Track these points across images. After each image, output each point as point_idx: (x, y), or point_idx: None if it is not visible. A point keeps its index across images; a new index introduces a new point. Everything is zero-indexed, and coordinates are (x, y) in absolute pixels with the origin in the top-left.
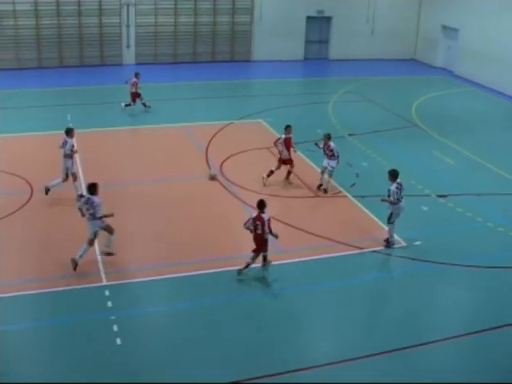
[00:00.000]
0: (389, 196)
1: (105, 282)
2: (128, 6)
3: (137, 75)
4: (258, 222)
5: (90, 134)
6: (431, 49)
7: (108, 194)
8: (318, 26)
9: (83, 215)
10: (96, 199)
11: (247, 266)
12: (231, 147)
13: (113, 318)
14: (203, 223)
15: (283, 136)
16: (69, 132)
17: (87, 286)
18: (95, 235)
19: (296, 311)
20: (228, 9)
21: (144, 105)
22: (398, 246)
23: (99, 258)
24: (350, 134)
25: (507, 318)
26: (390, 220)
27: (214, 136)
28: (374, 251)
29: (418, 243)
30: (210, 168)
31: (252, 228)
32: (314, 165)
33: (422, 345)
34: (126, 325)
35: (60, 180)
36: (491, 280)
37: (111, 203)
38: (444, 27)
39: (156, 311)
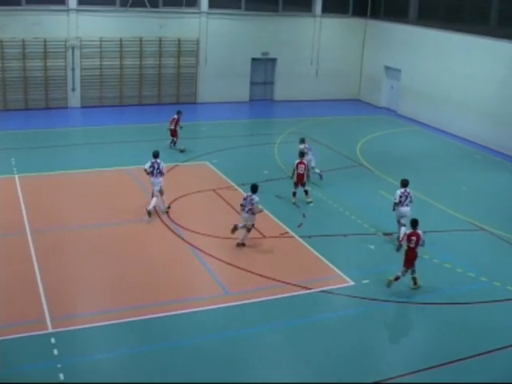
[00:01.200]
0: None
1: (50, 330)
2: (73, 48)
3: (179, 113)
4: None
5: (34, 178)
6: (375, 89)
7: (53, 238)
8: (263, 67)
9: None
10: (256, 197)
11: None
12: (177, 190)
13: (59, 366)
14: (150, 267)
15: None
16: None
17: (32, 334)
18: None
19: (247, 353)
20: (173, 51)
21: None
22: (346, 285)
23: (45, 306)
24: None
25: (458, 354)
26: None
27: None
28: (323, 291)
29: (366, 282)
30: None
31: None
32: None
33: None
34: (72, 373)
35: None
36: (440, 316)
37: (56, 247)
38: (387, 68)
39: (102, 358)
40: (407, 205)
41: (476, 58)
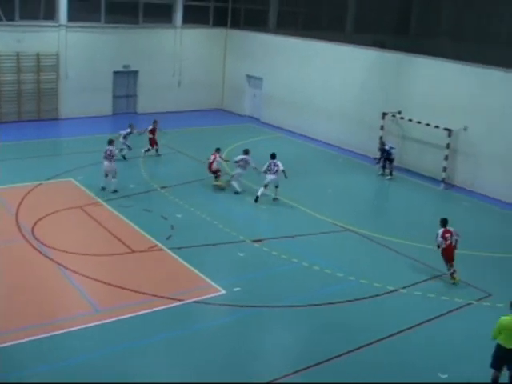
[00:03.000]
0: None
1: None
2: None
3: (155, 122)
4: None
5: None
6: (238, 98)
7: None
8: (125, 80)
9: None
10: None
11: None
12: (42, 208)
13: None
14: (17, 290)
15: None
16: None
17: None
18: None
19: (126, 370)
20: (32, 66)
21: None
22: (218, 293)
23: None
24: (162, 187)
25: (331, 352)
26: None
27: (23, 199)
28: (195, 302)
29: (237, 289)
30: None
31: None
32: (126, 220)
33: None
34: None
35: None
36: (313, 317)
37: None
38: (249, 76)
39: None
40: (274, 173)
41: (335, 65)
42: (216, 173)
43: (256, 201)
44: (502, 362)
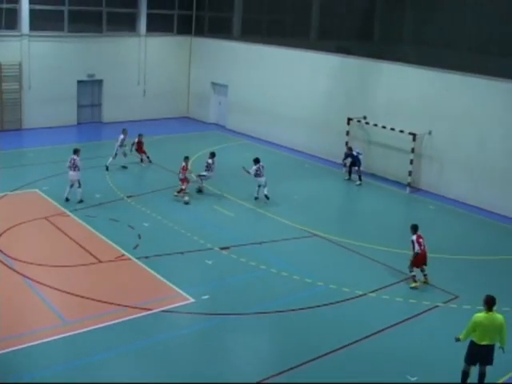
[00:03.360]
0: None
1: None
2: None
3: (140, 136)
4: None
5: None
6: (203, 105)
7: None
8: (90, 89)
9: None
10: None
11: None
12: (7, 220)
13: None
14: None
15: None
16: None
17: None
18: None
19: (95, 382)
20: None
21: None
22: (187, 302)
23: None
24: (128, 196)
25: (303, 356)
26: None
27: None
28: (163, 311)
29: (205, 297)
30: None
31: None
32: (93, 230)
33: None
34: None
35: None
36: (281, 323)
37: None
38: (214, 84)
39: None
40: (262, 175)
41: (299, 71)
42: (183, 182)
43: (267, 198)
44: (475, 358)
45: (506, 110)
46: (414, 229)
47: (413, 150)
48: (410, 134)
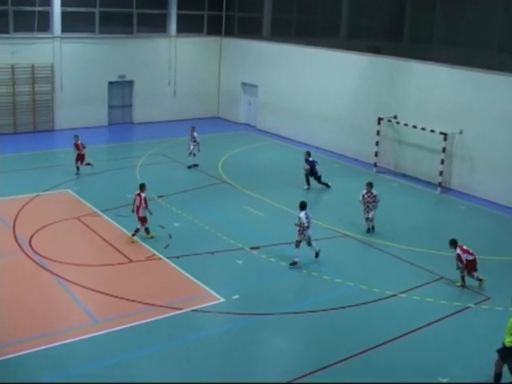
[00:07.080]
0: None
1: None
2: None
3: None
4: None
5: None
6: (233, 106)
7: None
8: (121, 90)
9: None
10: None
11: None
12: (40, 220)
13: None
14: (15, 302)
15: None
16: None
17: None
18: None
19: (126, 380)
20: (27, 78)
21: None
22: (217, 302)
23: None
24: (159, 196)
25: (332, 358)
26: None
27: (20, 210)
28: (194, 310)
29: (236, 297)
30: None
31: None
32: (124, 229)
33: None
34: None
35: None
36: (313, 323)
37: None
38: (244, 84)
39: None
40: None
41: (329, 71)
42: (143, 222)
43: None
44: (506, 356)
45: None
46: (454, 243)
47: (444, 150)
48: (440, 133)
